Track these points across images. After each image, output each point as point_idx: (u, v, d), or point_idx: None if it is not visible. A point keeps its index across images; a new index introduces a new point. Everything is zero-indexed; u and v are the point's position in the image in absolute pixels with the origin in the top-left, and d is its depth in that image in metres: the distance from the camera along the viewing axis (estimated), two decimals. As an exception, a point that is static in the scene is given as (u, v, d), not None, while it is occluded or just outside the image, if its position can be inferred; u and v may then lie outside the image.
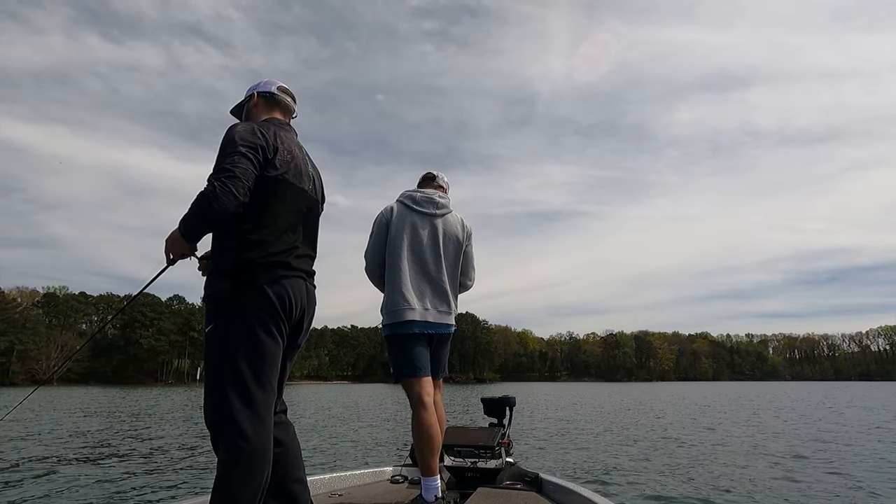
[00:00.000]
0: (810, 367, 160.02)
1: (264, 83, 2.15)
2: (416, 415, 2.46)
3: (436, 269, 2.63)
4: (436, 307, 2.59)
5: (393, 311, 2.54)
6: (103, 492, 6.22)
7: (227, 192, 1.65)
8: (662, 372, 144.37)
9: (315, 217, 2.06)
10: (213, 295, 1.78)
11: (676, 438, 11.46)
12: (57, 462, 8.28)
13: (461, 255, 2.76)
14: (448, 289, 2.65)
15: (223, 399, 1.67)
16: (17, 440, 10.81)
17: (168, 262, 1.83)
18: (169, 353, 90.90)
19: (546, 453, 9.46)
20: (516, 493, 2.70)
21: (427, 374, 2.54)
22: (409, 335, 2.53)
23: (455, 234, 2.73)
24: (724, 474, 7.31)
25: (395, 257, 2.58)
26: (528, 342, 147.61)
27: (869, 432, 12.26)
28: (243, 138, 1.78)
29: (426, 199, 2.70)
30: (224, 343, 1.72)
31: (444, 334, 2.66)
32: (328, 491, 2.79)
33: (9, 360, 73.16)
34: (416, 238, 2.62)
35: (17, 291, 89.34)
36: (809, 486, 6.54)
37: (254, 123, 1.90)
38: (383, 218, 2.66)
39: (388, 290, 2.59)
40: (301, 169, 1.97)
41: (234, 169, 1.70)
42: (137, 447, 9.99)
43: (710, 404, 25.32)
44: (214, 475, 1.64)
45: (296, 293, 1.84)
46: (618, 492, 6.36)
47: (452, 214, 2.77)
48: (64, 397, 32.02)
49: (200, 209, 1.67)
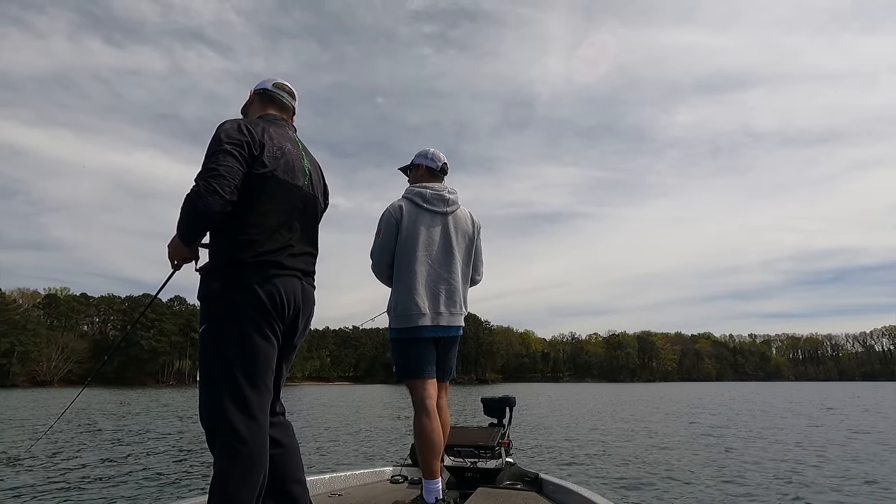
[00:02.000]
0: (814, 367, 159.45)
1: (263, 81, 2.13)
2: (418, 417, 2.41)
3: (449, 268, 2.55)
4: (449, 309, 2.52)
5: (404, 316, 2.46)
6: (104, 492, 6.25)
7: (211, 191, 1.64)
8: (665, 372, 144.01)
9: (313, 214, 2.00)
10: (206, 295, 1.77)
11: (680, 439, 11.31)
12: (58, 462, 8.25)
13: (472, 252, 2.68)
14: (460, 288, 2.58)
15: (217, 400, 1.66)
16: (17, 440, 10.79)
17: (173, 267, 1.83)
18: (170, 355, 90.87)
19: (546, 453, 9.39)
20: (516, 493, 2.70)
21: (432, 377, 2.49)
22: (418, 338, 2.46)
23: (466, 231, 2.65)
24: (727, 477, 7.16)
25: (408, 259, 2.48)
26: (531, 343, 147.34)
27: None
28: (229, 135, 1.75)
29: (436, 196, 2.58)
30: (217, 343, 1.71)
31: (453, 337, 2.58)
32: (328, 491, 2.77)
33: (9, 362, 73.00)
34: (429, 238, 2.52)
35: (18, 293, 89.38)
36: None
37: (241, 120, 1.86)
38: (392, 217, 2.53)
39: (399, 292, 2.49)
40: (293, 165, 1.90)
41: (218, 167, 1.67)
42: (140, 447, 9.99)
43: (716, 406, 25.02)
44: (211, 476, 1.64)
45: (288, 293, 1.79)
46: (619, 492, 6.30)
47: (462, 209, 2.67)
48: (66, 398, 31.93)
49: (188, 210, 1.66)
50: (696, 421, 15.99)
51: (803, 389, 55.28)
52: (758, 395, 37.05)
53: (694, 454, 9.20)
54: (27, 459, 8.51)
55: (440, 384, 2.58)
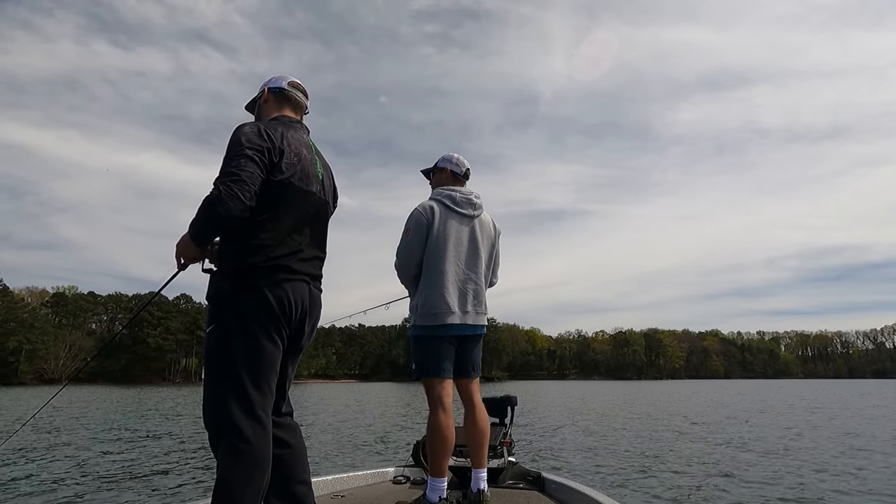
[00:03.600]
0: (823, 364, 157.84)
1: (275, 79, 2.09)
2: (433, 415, 2.45)
3: (476, 270, 2.63)
4: (475, 308, 2.60)
5: (432, 314, 2.51)
6: (105, 491, 6.24)
7: (232, 196, 1.64)
8: (673, 370, 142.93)
9: (324, 218, 2.01)
10: (215, 296, 1.78)
11: (685, 437, 11.07)
12: (60, 461, 8.24)
13: (493, 255, 2.78)
14: (484, 289, 2.67)
15: (221, 401, 1.67)
16: (22, 439, 10.84)
17: (179, 266, 1.83)
18: (176, 353, 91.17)
19: (548, 452, 9.33)
20: (519, 492, 2.73)
21: (449, 377, 2.53)
22: (442, 337, 2.52)
23: (490, 235, 2.74)
24: (730, 474, 7.06)
25: (438, 260, 2.55)
26: (537, 340, 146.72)
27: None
28: (250, 140, 1.75)
29: (465, 200, 2.67)
30: (223, 344, 1.72)
31: (478, 335, 2.66)
32: (331, 492, 2.78)
33: (17, 360, 73.36)
34: (458, 240, 2.60)
35: (26, 291, 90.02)
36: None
37: (260, 124, 1.85)
38: (423, 217, 2.58)
39: (427, 291, 2.54)
40: (308, 171, 1.91)
41: (240, 173, 1.68)
42: (142, 447, 9.99)
43: (734, 406, 24.57)
44: (215, 477, 1.64)
45: (296, 297, 1.81)
46: (623, 491, 6.27)
47: (485, 214, 2.75)
48: (72, 396, 31.96)
49: (206, 213, 1.66)
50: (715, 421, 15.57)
51: (825, 387, 54.63)
52: (785, 393, 36.47)
53: (710, 453, 8.97)
54: (36, 459, 8.47)
55: (471, 381, 2.64)
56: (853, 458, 8.52)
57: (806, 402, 25.44)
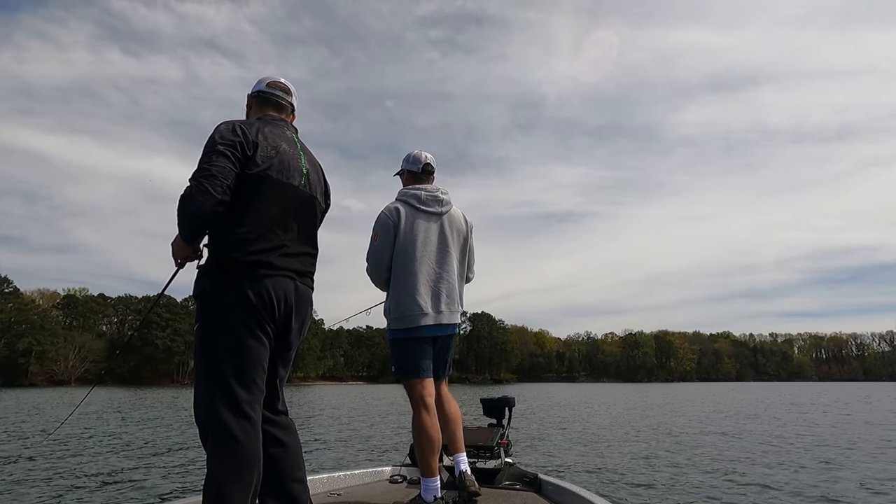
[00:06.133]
0: (838, 366, 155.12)
1: (258, 82, 2.12)
2: (416, 415, 2.47)
3: (446, 268, 2.59)
4: (449, 308, 2.57)
5: (405, 317, 2.50)
6: (106, 491, 6.35)
7: (202, 191, 1.66)
8: (684, 372, 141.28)
9: (311, 213, 1.99)
10: (199, 294, 1.80)
11: (685, 441, 10.88)
12: (61, 462, 8.27)
13: (467, 250, 2.74)
14: (457, 286, 2.64)
15: (209, 398, 1.68)
16: (22, 440, 10.96)
17: (176, 265, 1.86)
18: (184, 354, 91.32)
19: (548, 454, 9.24)
20: (515, 493, 2.72)
21: (429, 376, 2.53)
22: (418, 338, 2.51)
23: (461, 230, 2.71)
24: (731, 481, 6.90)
25: (407, 261, 2.53)
26: (545, 342, 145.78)
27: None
28: (222, 136, 1.78)
29: (432, 197, 2.63)
30: (208, 342, 1.74)
31: (450, 335, 2.65)
32: (327, 490, 2.79)
33: (27, 362, 73.97)
34: (426, 239, 2.57)
35: (37, 293, 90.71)
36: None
37: (236, 121, 1.89)
38: (389, 219, 2.56)
39: (399, 294, 2.52)
40: (289, 164, 1.90)
41: (210, 168, 1.71)
42: (144, 447, 10.10)
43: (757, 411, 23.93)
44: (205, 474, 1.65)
45: (279, 293, 1.79)
46: (619, 493, 6.24)
47: (455, 209, 2.72)
48: (80, 397, 32.16)
49: (181, 211, 1.69)
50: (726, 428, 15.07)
51: (847, 390, 53.51)
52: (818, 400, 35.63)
53: (712, 458, 8.83)
54: (38, 458, 8.68)
55: (441, 380, 2.61)
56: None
57: (835, 406, 24.66)
